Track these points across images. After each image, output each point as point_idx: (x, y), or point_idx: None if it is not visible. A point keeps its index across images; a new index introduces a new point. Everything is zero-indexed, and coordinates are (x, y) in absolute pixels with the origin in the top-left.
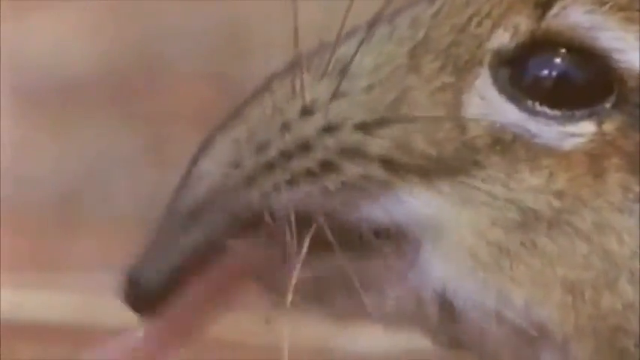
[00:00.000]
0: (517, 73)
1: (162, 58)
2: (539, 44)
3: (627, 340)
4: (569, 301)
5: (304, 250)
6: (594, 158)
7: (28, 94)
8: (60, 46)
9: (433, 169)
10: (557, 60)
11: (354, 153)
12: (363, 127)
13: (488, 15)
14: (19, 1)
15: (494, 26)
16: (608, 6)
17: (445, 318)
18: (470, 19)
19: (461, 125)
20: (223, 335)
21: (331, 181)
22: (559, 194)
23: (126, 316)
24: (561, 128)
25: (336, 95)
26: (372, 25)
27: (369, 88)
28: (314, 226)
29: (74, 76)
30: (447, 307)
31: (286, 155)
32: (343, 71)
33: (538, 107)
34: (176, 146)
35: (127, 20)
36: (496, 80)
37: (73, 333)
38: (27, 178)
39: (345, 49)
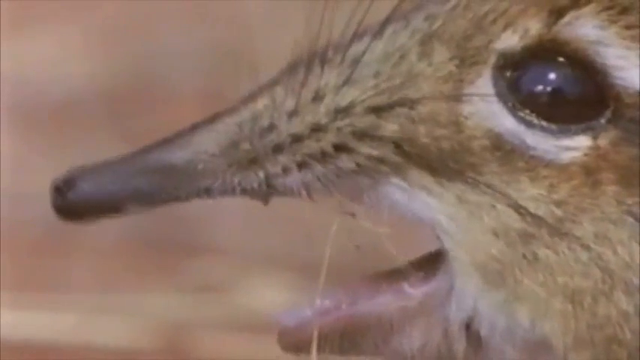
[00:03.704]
0: (517, 79)
1: (157, 77)
2: (544, 51)
3: (620, 350)
4: (570, 310)
5: (331, 237)
6: (590, 171)
7: (24, 113)
8: (56, 66)
9: (436, 168)
10: (557, 70)
11: (367, 135)
12: (375, 110)
13: (503, 14)
14: (14, 21)
15: (507, 26)
16: (618, 25)
17: (470, 350)
18: (486, 14)
19: (458, 123)
20: None
21: (345, 162)
22: (560, 203)
23: (121, 335)
24: (557, 142)
25: (347, 82)
26: (385, 21)
27: (378, 73)
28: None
29: (70, 95)
30: (473, 337)
31: (297, 138)
32: (355, 62)
33: (535, 120)
34: None
35: (122, 40)
36: (496, 84)
37: (68, 353)
38: (22, 196)
39: (357, 47)
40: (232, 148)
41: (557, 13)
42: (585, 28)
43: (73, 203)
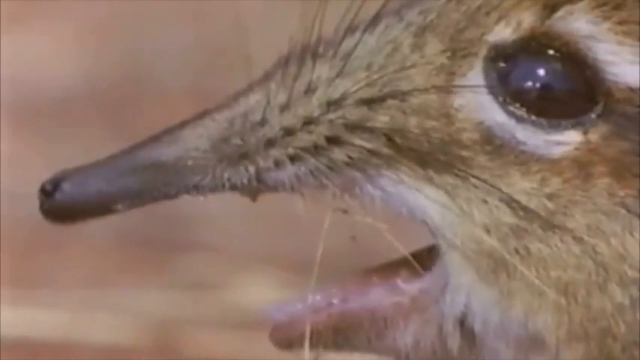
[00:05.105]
0: (507, 72)
1: (149, 74)
2: (536, 44)
3: (615, 344)
4: (564, 304)
5: (325, 227)
6: (581, 165)
7: (18, 111)
8: (48, 64)
9: (427, 161)
10: (547, 65)
11: (359, 127)
12: (367, 102)
13: (497, 7)
14: (7, 20)
15: (500, 19)
16: (611, 21)
17: (464, 347)
18: (479, 8)
19: (449, 115)
20: None
21: (337, 155)
22: (552, 196)
23: (112, 332)
24: (547, 137)
25: (339, 75)
26: (377, 15)
27: (370, 65)
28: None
29: (63, 93)
30: (468, 333)
31: (289, 131)
32: (347, 55)
33: (525, 114)
34: None
35: (115, 38)
36: (487, 76)
37: (60, 350)
38: (16, 194)
39: (350, 41)
40: (223, 143)
41: (552, 7)
42: (578, 23)
43: (60, 205)
